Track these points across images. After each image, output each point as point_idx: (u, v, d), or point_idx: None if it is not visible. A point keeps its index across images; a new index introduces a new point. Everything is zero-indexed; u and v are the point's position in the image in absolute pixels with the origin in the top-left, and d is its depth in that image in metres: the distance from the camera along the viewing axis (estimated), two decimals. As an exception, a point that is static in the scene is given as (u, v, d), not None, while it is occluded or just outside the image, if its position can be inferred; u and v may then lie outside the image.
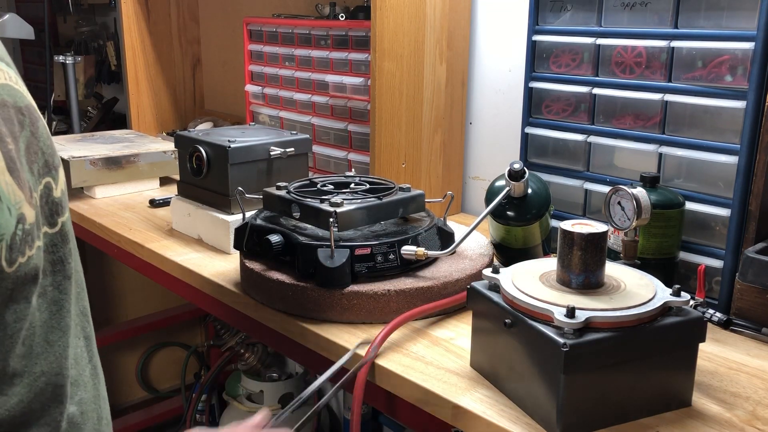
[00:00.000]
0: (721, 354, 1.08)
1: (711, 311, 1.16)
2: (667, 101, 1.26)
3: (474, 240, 1.36)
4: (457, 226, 1.38)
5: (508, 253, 1.35)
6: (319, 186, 1.34)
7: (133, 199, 1.89)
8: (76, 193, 1.91)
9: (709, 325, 1.12)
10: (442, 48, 1.67)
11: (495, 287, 0.99)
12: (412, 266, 1.22)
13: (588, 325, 0.86)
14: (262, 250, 1.23)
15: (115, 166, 1.90)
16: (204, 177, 1.52)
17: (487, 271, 1.00)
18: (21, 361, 0.61)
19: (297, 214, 1.25)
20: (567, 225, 0.94)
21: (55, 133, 2.91)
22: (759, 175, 1.13)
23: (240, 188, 1.37)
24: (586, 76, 1.38)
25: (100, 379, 0.74)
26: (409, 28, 1.58)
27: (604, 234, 0.93)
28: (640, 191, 1.15)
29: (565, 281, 0.95)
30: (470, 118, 1.83)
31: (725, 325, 1.15)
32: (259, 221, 1.29)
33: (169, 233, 1.62)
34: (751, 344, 1.11)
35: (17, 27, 2.62)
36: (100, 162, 1.87)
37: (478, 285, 1.01)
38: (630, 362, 0.90)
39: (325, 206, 1.20)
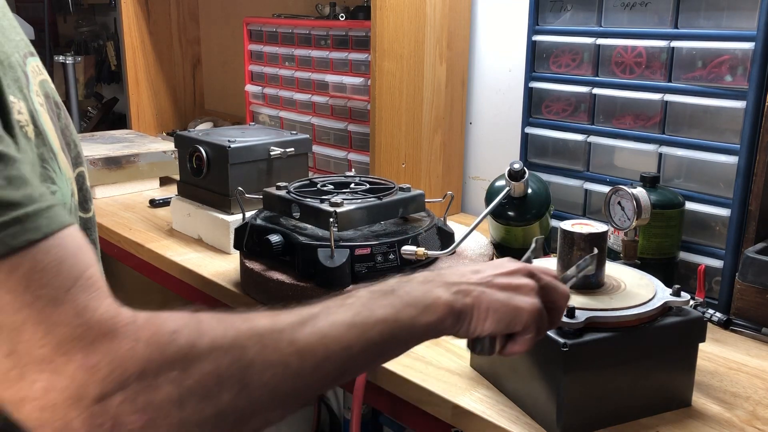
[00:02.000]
0: (721, 354, 1.08)
1: (711, 311, 1.16)
2: (667, 101, 1.26)
3: (474, 240, 1.36)
4: (457, 226, 1.38)
5: (508, 253, 1.35)
6: (319, 186, 1.34)
7: (133, 199, 1.89)
8: (76, 193, 1.91)
9: (709, 325, 1.12)
10: (442, 48, 1.67)
11: (495, 287, 0.99)
12: (412, 266, 1.22)
13: (588, 325, 0.86)
14: (262, 250, 1.23)
15: (115, 166, 1.90)
16: (204, 177, 1.52)
17: (487, 271, 1.00)
18: None
19: (297, 214, 1.25)
20: (567, 225, 0.94)
21: (55, 133, 2.91)
22: (759, 175, 1.13)
23: (240, 188, 1.37)
24: (586, 76, 1.38)
25: None
26: (409, 28, 1.58)
27: (604, 234, 0.93)
28: (640, 191, 1.15)
29: (565, 281, 0.95)
30: (470, 118, 1.83)
31: (725, 325, 1.15)
32: (259, 221, 1.29)
33: (169, 233, 1.62)
34: (751, 344, 1.11)
35: (17, 27, 2.61)
36: (100, 162, 1.87)
37: (478, 285, 1.01)
38: (630, 362, 0.90)
39: (325, 206, 1.20)
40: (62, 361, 0.49)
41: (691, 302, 0.94)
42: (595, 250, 0.90)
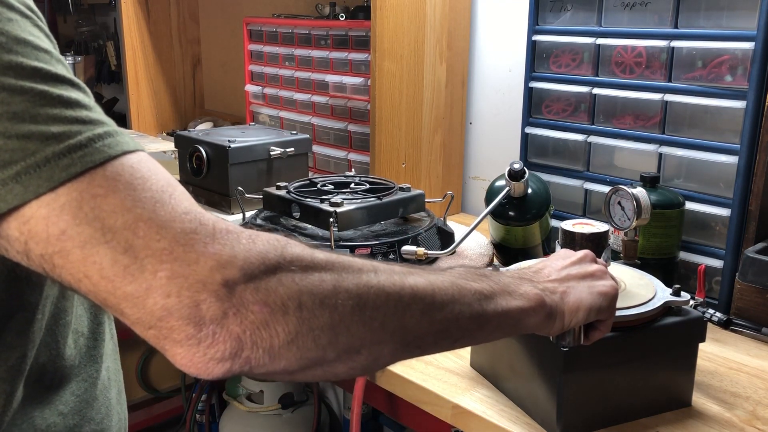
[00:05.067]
0: (721, 354, 1.08)
1: (711, 311, 1.16)
2: (667, 101, 1.26)
3: (474, 240, 1.36)
4: (457, 226, 1.38)
5: (508, 253, 1.35)
6: (319, 186, 1.34)
7: (133, 199, 1.89)
8: (76, 193, 1.91)
9: (709, 325, 1.12)
10: (442, 48, 1.67)
11: (495, 287, 0.99)
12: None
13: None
14: (262, 250, 1.23)
15: (115, 166, 1.90)
16: (204, 177, 1.52)
17: (487, 271, 1.00)
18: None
19: (297, 214, 1.25)
20: (568, 225, 0.94)
21: (55, 133, 2.91)
22: (759, 175, 1.13)
23: (240, 188, 1.37)
24: (586, 76, 1.38)
25: (118, 357, 0.80)
26: (409, 28, 1.58)
27: (605, 233, 0.93)
28: (640, 191, 1.15)
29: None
30: (470, 118, 1.83)
31: (725, 325, 1.14)
32: (259, 221, 1.29)
33: (169, 233, 1.62)
34: (751, 344, 1.11)
35: (17, 27, 2.61)
36: (100, 162, 1.87)
37: (478, 285, 1.01)
38: (630, 362, 0.90)
39: (325, 206, 1.20)
40: (183, 251, 0.49)
41: (691, 302, 0.94)
42: (608, 246, 0.93)
